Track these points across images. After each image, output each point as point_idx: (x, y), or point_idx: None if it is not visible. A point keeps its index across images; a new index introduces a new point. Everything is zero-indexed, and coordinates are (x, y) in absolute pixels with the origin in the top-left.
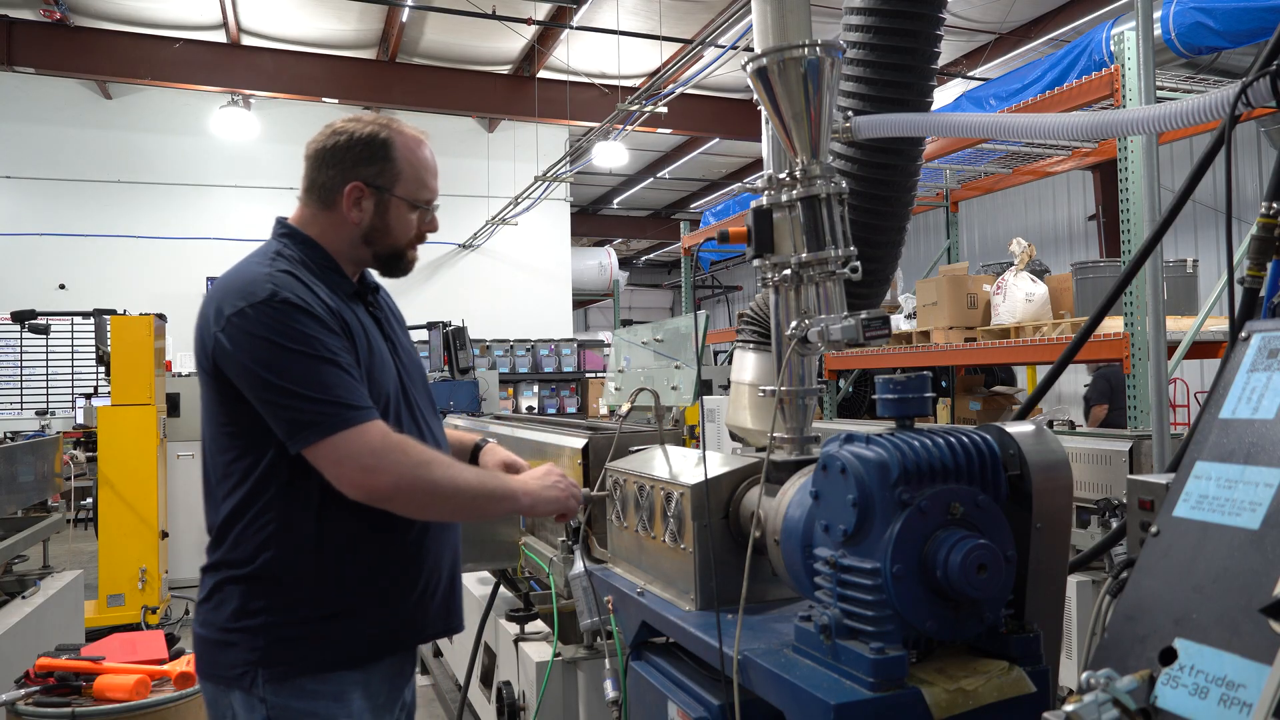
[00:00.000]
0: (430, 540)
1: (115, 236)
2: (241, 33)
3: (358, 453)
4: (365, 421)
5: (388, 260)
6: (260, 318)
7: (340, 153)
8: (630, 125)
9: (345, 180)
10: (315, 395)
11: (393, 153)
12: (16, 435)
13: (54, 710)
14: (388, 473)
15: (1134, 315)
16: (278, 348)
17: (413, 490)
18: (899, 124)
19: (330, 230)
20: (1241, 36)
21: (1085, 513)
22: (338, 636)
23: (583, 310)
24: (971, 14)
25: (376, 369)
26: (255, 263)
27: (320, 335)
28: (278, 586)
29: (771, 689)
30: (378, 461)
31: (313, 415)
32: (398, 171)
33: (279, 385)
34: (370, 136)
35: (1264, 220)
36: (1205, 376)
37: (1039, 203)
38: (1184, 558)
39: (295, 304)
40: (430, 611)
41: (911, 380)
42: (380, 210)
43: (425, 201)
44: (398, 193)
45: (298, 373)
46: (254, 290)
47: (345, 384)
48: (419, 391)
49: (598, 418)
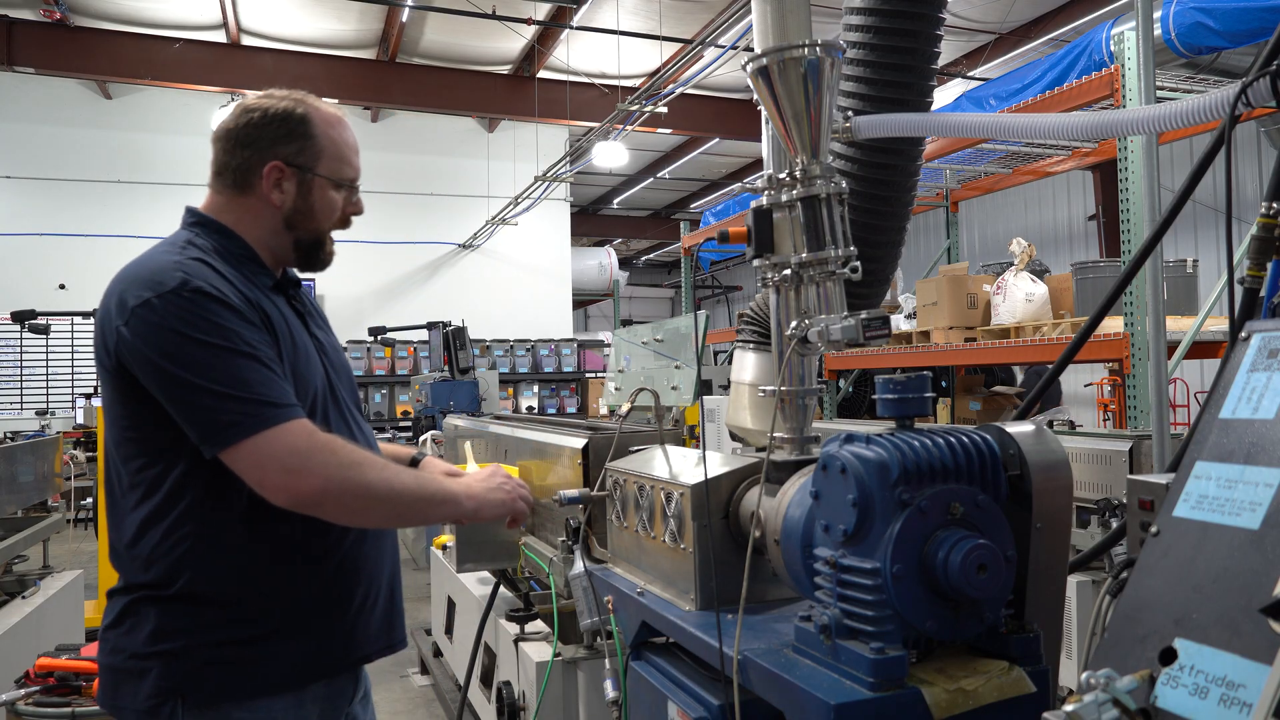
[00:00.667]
0: (368, 550)
1: (115, 236)
2: (241, 33)
3: (281, 454)
4: (288, 420)
5: (309, 247)
6: (169, 309)
7: (255, 131)
8: (630, 125)
9: (263, 160)
10: (232, 392)
11: (312, 129)
12: (16, 435)
13: (54, 710)
14: (315, 475)
15: (1134, 315)
16: (189, 340)
17: (343, 493)
18: (899, 124)
19: (247, 216)
20: (1241, 36)
21: (1085, 513)
22: (267, 659)
23: (583, 310)
24: (971, 14)
25: (301, 364)
26: (163, 251)
27: (237, 327)
28: (199, 606)
29: (771, 689)
30: (303, 463)
31: (230, 415)
32: (319, 149)
33: (191, 382)
34: (287, 112)
35: (1264, 220)
36: (1205, 376)
37: (1039, 203)
38: (1184, 558)
39: (208, 293)
40: (370, 628)
41: (911, 380)
42: (303, 191)
43: (349, 180)
44: (320, 171)
45: (212, 368)
46: (161, 279)
47: (265, 379)
48: (347, 391)
49: (598, 418)
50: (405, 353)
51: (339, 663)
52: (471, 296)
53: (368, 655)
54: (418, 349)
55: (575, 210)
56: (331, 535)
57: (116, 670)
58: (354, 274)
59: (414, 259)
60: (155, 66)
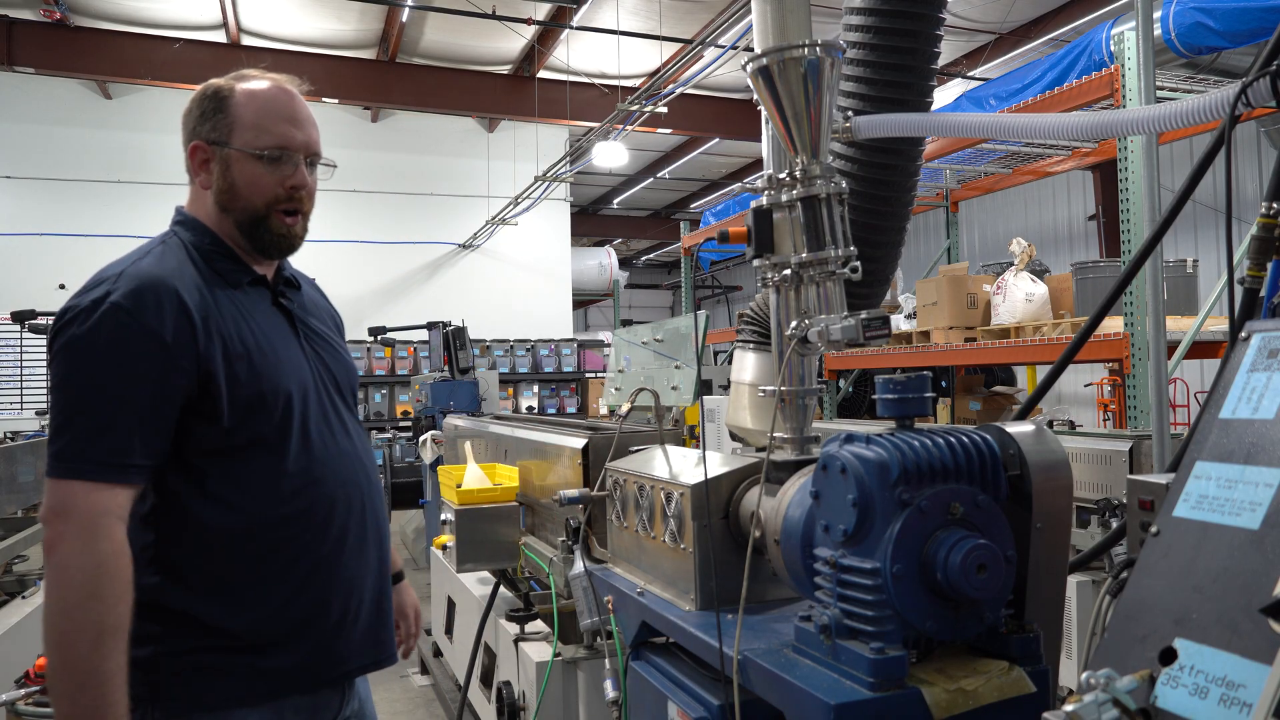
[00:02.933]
0: (347, 559)
1: (115, 236)
2: (241, 33)
3: (57, 503)
4: (96, 482)
5: (249, 229)
6: (78, 317)
7: (188, 117)
8: (630, 125)
9: (190, 143)
10: (77, 426)
11: (228, 103)
12: (16, 435)
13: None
14: (55, 537)
15: (1134, 315)
16: (78, 357)
17: (57, 583)
18: (899, 124)
19: (199, 205)
20: (1241, 36)
21: (1085, 513)
22: (241, 670)
23: (583, 310)
24: (971, 14)
25: (263, 366)
26: (127, 256)
27: (127, 359)
28: (170, 613)
29: (771, 689)
30: (61, 525)
31: (59, 446)
32: (233, 120)
33: (59, 394)
34: (209, 91)
35: (1264, 220)
36: (1205, 376)
37: (1039, 203)
38: (1184, 558)
39: (125, 312)
40: (353, 642)
41: (911, 380)
42: (223, 168)
43: (268, 148)
44: (235, 144)
45: (81, 389)
46: (94, 287)
47: (120, 429)
48: (339, 394)
49: (598, 418)
50: (405, 353)
51: (318, 677)
52: (471, 296)
53: (349, 670)
54: (418, 349)
55: (575, 210)
56: (303, 542)
57: None
58: (354, 274)
59: (414, 259)
60: (155, 66)
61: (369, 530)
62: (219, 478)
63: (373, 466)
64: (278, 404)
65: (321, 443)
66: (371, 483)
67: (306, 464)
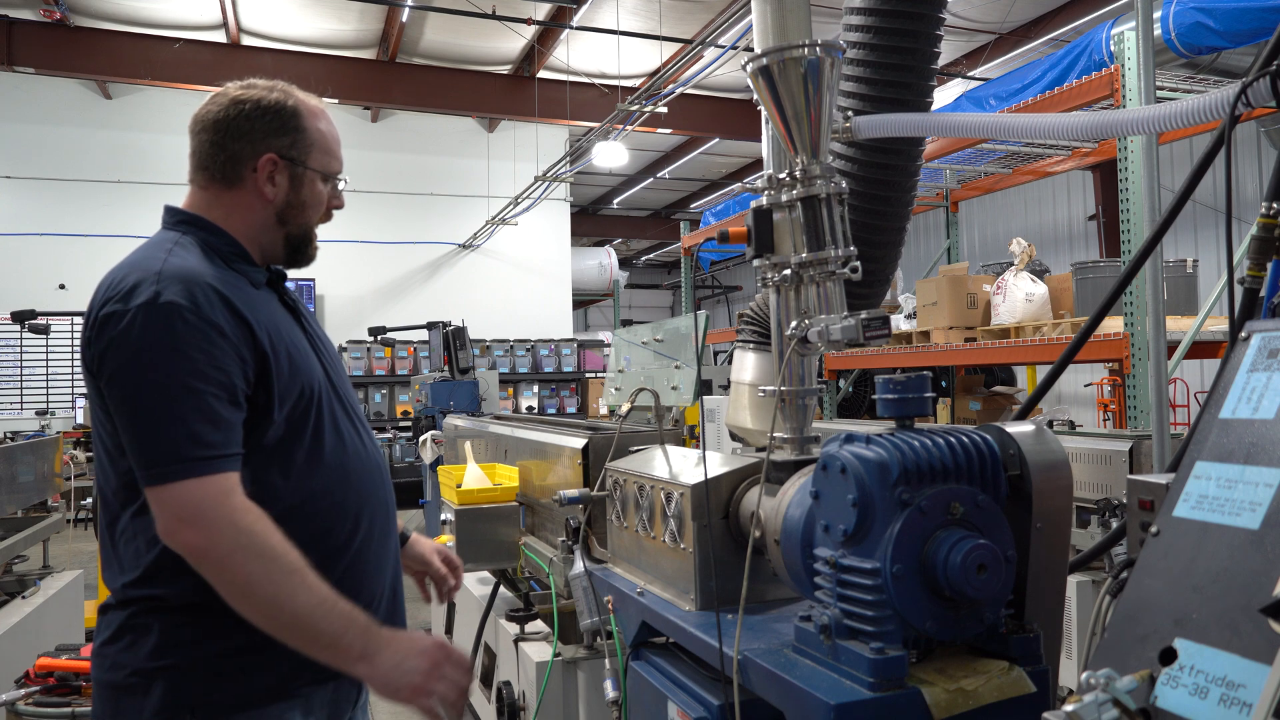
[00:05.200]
0: (375, 550)
1: (115, 236)
2: (241, 33)
3: (180, 504)
4: (208, 474)
5: (299, 242)
6: (133, 324)
7: (247, 123)
8: (630, 125)
9: (256, 153)
10: (162, 433)
11: (303, 122)
12: (16, 435)
13: (54, 710)
14: (202, 532)
15: (1134, 315)
16: (143, 364)
17: (222, 568)
18: (899, 124)
19: (237, 212)
20: (1241, 36)
21: (1085, 513)
22: (277, 664)
23: (583, 310)
24: (971, 14)
25: (299, 362)
26: (147, 256)
27: (198, 353)
28: (204, 616)
29: (771, 689)
30: (197, 516)
31: (152, 453)
32: (310, 141)
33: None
34: (279, 104)
35: (1264, 220)
36: (1205, 376)
37: (1039, 203)
38: (1184, 558)
39: (181, 308)
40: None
41: (911, 380)
42: (295, 185)
43: (336, 173)
44: (312, 164)
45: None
46: (136, 289)
47: (206, 421)
48: (345, 391)
49: (598, 418)
50: (405, 353)
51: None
52: (471, 296)
53: None
54: (418, 349)
55: (575, 210)
56: (338, 538)
57: (117, 687)
58: (354, 274)
59: (414, 259)
60: (155, 66)
61: (390, 519)
62: (265, 473)
63: (382, 458)
64: (314, 398)
65: (346, 436)
66: (384, 473)
67: (340, 457)
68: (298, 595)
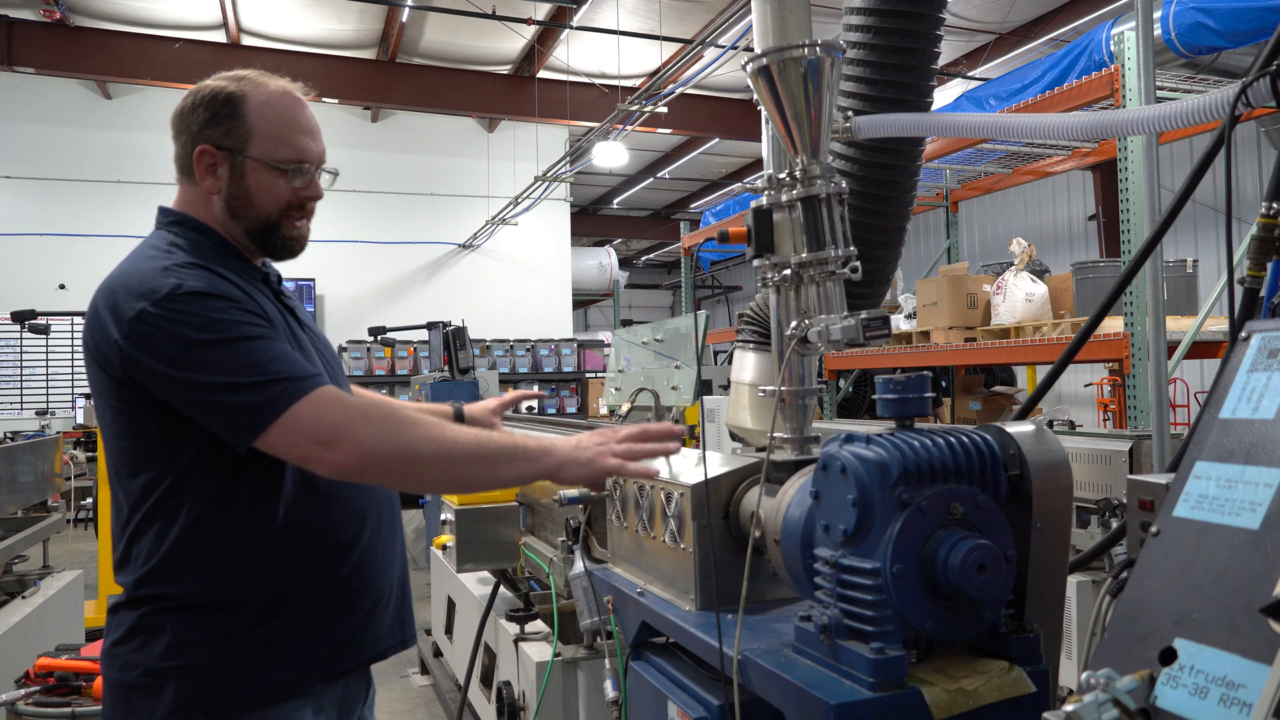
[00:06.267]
0: (382, 547)
1: (115, 236)
2: (241, 33)
3: (310, 427)
4: (311, 390)
5: (261, 235)
6: (166, 315)
7: (187, 116)
8: (630, 125)
9: (194, 145)
10: (246, 380)
11: (242, 108)
12: (16, 435)
13: (54, 710)
14: (347, 443)
15: (1134, 315)
16: (193, 342)
17: (384, 458)
18: (899, 124)
19: (201, 206)
20: (1241, 36)
21: (1085, 513)
22: (289, 662)
23: (583, 310)
24: (971, 14)
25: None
26: (147, 257)
27: (237, 317)
28: (216, 614)
29: (771, 689)
30: (334, 433)
31: (249, 402)
32: (249, 129)
33: (204, 382)
34: (215, 93)
35: (1264, 220)
36: (1205, 376)
37: (1039, 203)
38: (1184, 558)
39: (204, 292)
40: (383, 625)
41: (911, 380)
42: (236, 175)
43: (288, 161)
44: (252, 153)
45: (221, 362)
46: (154, 286)
47: (277, 357)
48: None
49: (598, 418)
50: (405, 353)
51: (354, 660)
52: (471, 296)
53: (382, 652)
54: (418, 349)
55: (575, 210)
56: (345, 537)
57: (129, 687)
58: (354, 274)
59: (414, 259)
60: (155, 66)
61: (395, 517)
62: (270, 471)
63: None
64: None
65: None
66: None
67: None
68: (458, 439)
